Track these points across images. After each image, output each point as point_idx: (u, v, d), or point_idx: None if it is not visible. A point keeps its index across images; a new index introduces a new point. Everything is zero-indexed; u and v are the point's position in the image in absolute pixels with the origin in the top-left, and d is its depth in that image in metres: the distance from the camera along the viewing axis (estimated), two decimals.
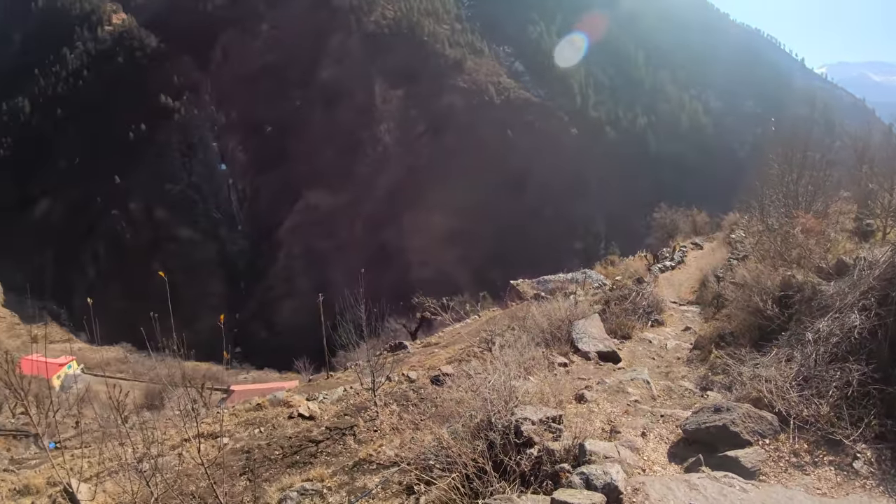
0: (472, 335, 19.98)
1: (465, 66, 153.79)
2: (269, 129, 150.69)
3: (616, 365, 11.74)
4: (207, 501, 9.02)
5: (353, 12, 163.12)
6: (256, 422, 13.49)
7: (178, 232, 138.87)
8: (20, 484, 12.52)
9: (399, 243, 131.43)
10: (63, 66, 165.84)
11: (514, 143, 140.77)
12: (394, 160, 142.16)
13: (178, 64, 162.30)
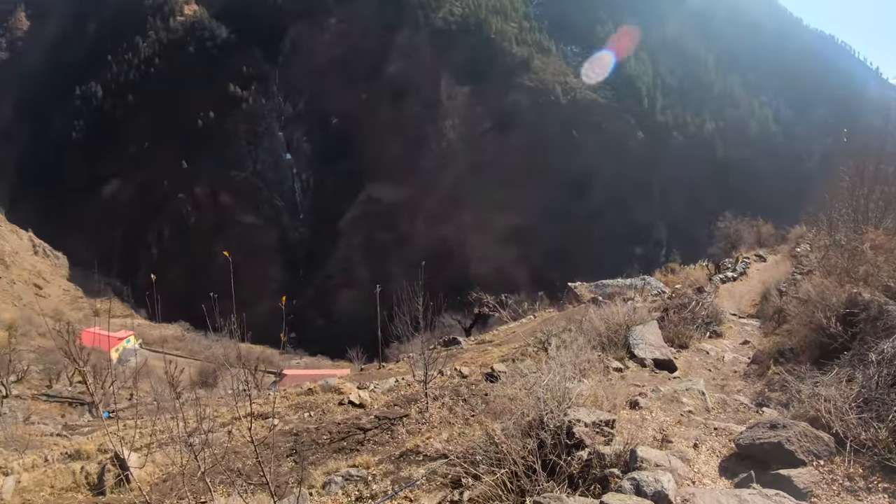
0: (527, 335, 19.50)
1: (532, 64, 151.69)
2: (334, 121, 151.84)
3: (671, 374, 11.61)
4: (252, 479, 9.37)
5: (420, 8, 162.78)
6: (307, 406, 13.51)
7: (241, 217, 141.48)
8: (72, 449, 12.51)
9: (459, 239, 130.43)
10: (135, 54, 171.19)
11: (578, 145, 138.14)
12: (458, 156, 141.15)
13: (248, 55, 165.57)
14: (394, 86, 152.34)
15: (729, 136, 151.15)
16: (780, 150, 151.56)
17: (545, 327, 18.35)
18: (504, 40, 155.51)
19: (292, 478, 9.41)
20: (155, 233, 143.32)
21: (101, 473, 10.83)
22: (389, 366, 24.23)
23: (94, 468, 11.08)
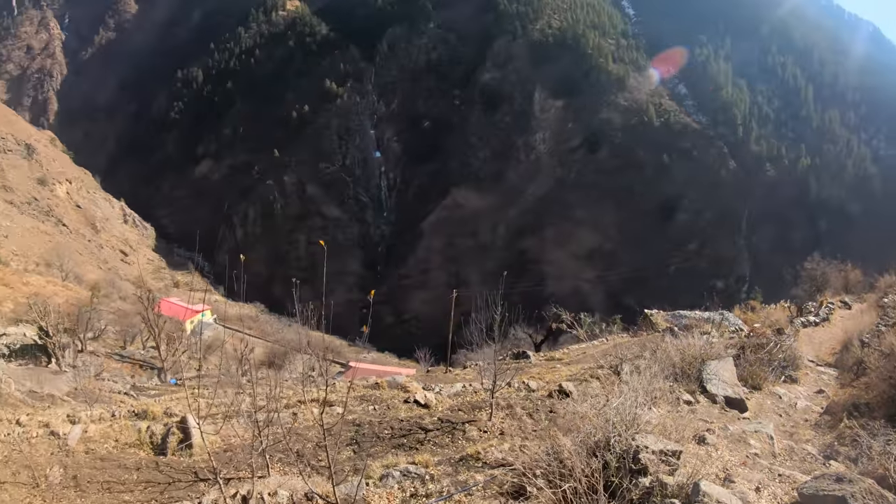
0: (597, 357, 18.90)
1: (627, 83, 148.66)
2: (425, 124, 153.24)
3: (742, 413, 11.60)
4: (310, 462, 9.53)
5: (519, 18, 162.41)
6: (372, 399, 13.61)
7: (326, 210, 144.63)
8: (139, 408, 12.68)
9: (538, 253, 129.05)
10: (237, 43, 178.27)
11: (668, 169, 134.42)
12: (545, 170, 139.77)
13: (346, 52, 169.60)
14: (487, 94, 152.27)
15: (823, 174, 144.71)
16: (877, 193, 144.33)
17: (617, 352, 18.28)
18: (601, 56, 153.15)
19: (349, 466, 9.59)
20: (241, 215, 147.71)
21: (166, 435, 11.14)
22: (456, 371, 24.09)
23: (160, 429, 11.40)
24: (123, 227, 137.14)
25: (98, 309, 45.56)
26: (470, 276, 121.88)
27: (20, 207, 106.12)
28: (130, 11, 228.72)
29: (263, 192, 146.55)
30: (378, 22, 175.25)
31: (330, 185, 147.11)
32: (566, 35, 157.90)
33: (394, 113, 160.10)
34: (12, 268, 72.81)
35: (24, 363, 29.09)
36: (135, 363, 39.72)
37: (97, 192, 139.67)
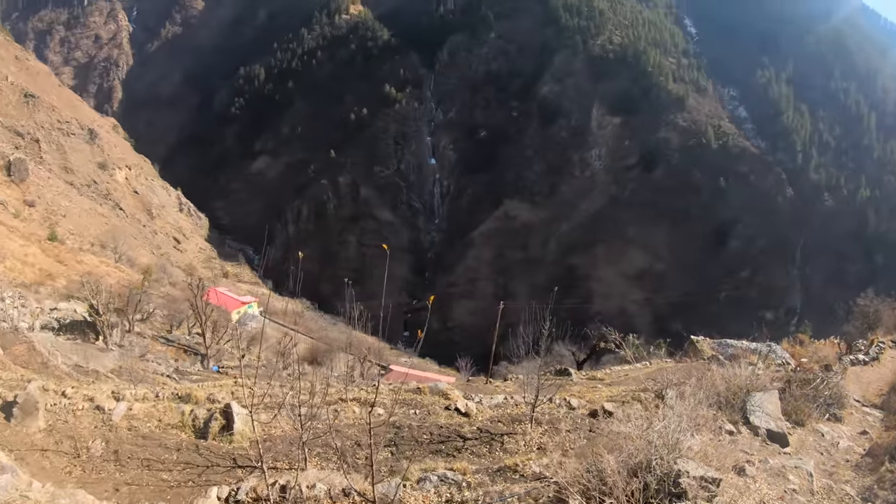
0: (639, 380, 19.15)
1: (687, 103, 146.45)
2: (482, 134, 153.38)
3: (783, 448, 11.58)
4: (346, 458, 9.69)
5: (580, 33, 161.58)
6: (413, 403, 13.80)
7: (378, 213, 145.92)
8: (183, 391, 13.11)
9: (587, 270, 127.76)
10: (300, 44, 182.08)
11: (724, 193, 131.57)
12: (599, 187, 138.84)
13: (406, 58, 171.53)
14: (544, 107, 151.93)
15: (883, 206, 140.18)
16: None
17: (661, 376, 18.21)
18: (661, 75, 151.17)
19: (386, 466, 9.74)
20: (294, 212, 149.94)
21: (209, 420, 11.37)
22: (497, 382, 24.51)
23: (203, 413, 11.63)
24: (178, 215, 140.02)
25: (148, 292, 47.07)
26: (517, 289, 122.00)
27: (80, 189, 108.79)
28: (197, 8, 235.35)
29: (317, 192, 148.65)
30: (439, 30, 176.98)
31: (384, 188, 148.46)
32: (627, 52, 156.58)
33: (451, 121, 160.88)
34: (68, 246, 75.28)
35: (72, 338, 29.68)
36: (179, 348, 40.77)
37: (155, 180, 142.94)
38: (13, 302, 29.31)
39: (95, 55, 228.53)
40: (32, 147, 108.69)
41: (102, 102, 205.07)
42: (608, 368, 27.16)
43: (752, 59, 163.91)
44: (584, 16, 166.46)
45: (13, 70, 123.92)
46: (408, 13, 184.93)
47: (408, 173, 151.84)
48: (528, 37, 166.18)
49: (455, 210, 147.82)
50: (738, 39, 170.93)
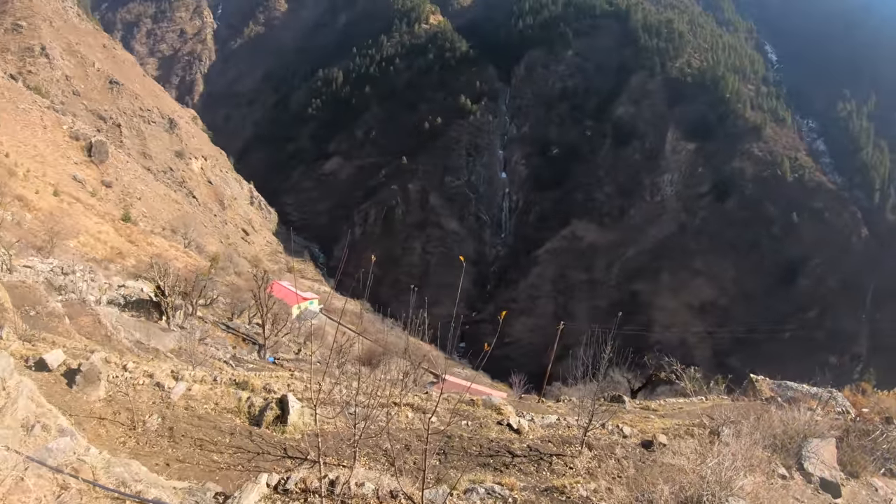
0: (693, 415, 18.77)
1: (764, 133, 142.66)
2: (554, 151, 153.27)
3: (834, 499, 11.41)
4: (395, 462, 9.59)
5: (658, 54, 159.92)
6: (465, 415, 13.85)
7: (445, 222, 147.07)
8: (240, 378, 13.27)
9: (650, 298, 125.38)
10: (379, 51, 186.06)
11: (796, 229, 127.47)
12: (669, 213, 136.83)
13: (483, 71, 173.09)
14: (619, 128, 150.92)
15: None
16: None
17: (714, 413, 18.08)
18: (738, 101, 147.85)
19: (433, 474, 9.73)
20: (362, 214, 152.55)
21: (264, 408, 11.55)
22: (549, 403, 23.88)
23: (259, 402, 11.82)
24: (249, 207, 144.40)
25: (213, 279, 48.21)
26: (577, 310, 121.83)
27: (156, 175, 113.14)
28: (280, 9, 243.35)
29: (387, 196, 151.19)
30: (517, 44, 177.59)
31: (453, 198, 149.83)
32: (705, 76, 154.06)
33: (524, 136, 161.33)
34: (140, 227, 78.62)
35: (136, 315, 30.43)
36: (238, 336, 41.47)
37: (229, 172, 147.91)
38: (83, 275, 30.05)
39: (180, 49, 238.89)
40: (114, 131, 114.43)
41: (184, 94, 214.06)
42: (662, 400, 26.96)
43: (833, 90, 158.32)
44: (663, 37, 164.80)
45: (100, 57, 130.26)
46: (487, 26, 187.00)
47: (478, 185, 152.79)
48: (605, 56, 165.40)
49: (522, 225, 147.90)
50: (820, 69, 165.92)
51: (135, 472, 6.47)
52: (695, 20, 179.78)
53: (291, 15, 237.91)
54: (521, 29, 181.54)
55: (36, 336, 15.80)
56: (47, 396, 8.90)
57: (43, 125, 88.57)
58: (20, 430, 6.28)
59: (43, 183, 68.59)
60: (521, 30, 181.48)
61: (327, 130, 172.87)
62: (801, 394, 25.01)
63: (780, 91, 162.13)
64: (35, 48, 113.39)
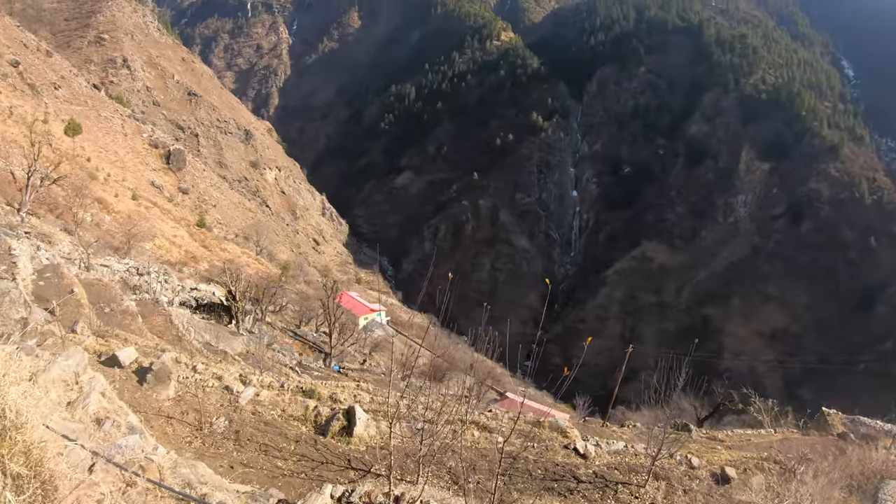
0: (762, 448, 18.26)
1: (841, 152, 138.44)
2: (626, 170, 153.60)
3: None
4: (458, 479, 9.64)
5: (732, 71, 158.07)
6: (531, 436, 13.53)
7: (515, 239, 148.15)
8: (307, 386, 13.40)
9: (720, 323, 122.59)
10: (450, 67, 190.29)
11: (875, 254, 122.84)
12: (742, 235, 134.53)
13: (554, 88, 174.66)
14: (692, 146, 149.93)
15: None
16: None
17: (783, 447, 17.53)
18: (815, 119, 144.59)
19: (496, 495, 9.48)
20: (432, 229, 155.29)
21: (331, 418, 11.52)
22: (613, 427, 23.73)
23: (326, 411, 11.78)
24: (320, 218, 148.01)
25: (283, 287, 49.35)
26: (645, 333, 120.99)
27: (231, 183, 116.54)
28: (354, 26, 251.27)
29: (457, 212, 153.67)
30: (589, 61, 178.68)
31: (523, 215, 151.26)
32: (780, 93, 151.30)
33: (595, 154, 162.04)
34: (214, 233, 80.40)
35: (206, 318, 30.91)
36: (305, 343, 42.38)
37: (302, 183, 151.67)
38: (157, 277, 30.78)
39: (256, 63, 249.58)
40: (191, 140, 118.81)
41: (259, 107, 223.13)
42: (730, 430, 26.22)
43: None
44: (736, 53, 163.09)
45: (179, 70, 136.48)
46: (558, 42, 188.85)
47: (548, 203, 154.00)
48: (678, 72, 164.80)
49: (592, 245, 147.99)
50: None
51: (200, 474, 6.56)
52: (769, 35, 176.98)
53: (364, 31, 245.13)
54: (593, 45, 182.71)
55: (109, 332, 16.39)
56: (118, 393, 9.14)
57: (124, 133, 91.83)
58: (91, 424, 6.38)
59: (122, 187, 70.18)
60: (593, 46, 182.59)
61: (399, 145, 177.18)
62: (875, 430, 24.56)
63: (858, 108, 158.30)
64: (117, 60, 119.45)
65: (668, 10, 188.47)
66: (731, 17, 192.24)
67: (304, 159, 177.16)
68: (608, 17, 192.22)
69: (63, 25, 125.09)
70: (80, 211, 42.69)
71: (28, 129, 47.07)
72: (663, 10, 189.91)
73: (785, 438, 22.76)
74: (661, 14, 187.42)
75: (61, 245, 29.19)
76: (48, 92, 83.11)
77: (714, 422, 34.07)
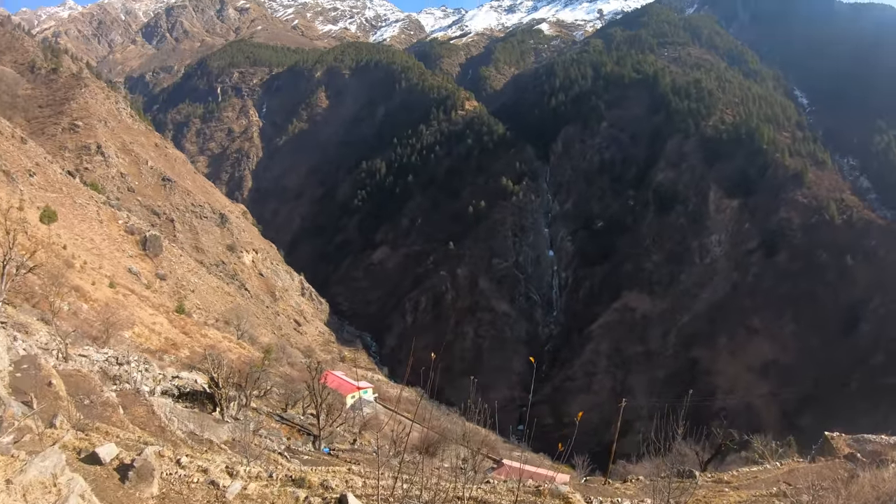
0: (770, 483, 17.69)
1: (806, 178, 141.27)
2: (599, 224, 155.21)
3: None
4: None
5: (691, 115, 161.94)
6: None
7: (495, 304, 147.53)
8: (297, 474, 12.89)
9: (709, 364, 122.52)
10: (418, 140, 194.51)
11: (851, 272, 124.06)
12: (720, 274, 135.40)
13: (521, 151, 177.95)
14: (660, 194, 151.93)
15: None
16: None
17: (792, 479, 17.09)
18: (776, 151, 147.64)
19: None
20: (412, 302, 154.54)
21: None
22: (616, 484, 23.16)
23: (317, 502, 11.31)
24: (300, 298, 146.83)
25: (267, 370, 48.19)
26: (636, 384, 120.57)
27: (208, 268, 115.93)
28: (321, 106, 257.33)
29: (436, 283, 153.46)
30: (552, 122, 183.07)
31: (501, 280, 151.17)
32: (740, 130, 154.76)
33: (567, 212, 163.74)
34: (194, 319, 79.05)
35: (189, 406, 30.48)
36: (292, 427, 41.64)
37: (280, 265, 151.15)
38: (137, 366, 30.31)
39: (228, 146, 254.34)
40: (167, 226, 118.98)
41: (233, 190, 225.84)
42: (735, 470, 25.98)
43: (868, 124, 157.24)
44: (693, 98, 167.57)
45: (153, 155, 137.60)
46: (521, 106, 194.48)
47: (525, 265, 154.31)
48: (639, 123, 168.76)
49: (573, 302, 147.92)
50: (852, 105, 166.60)
51: None
52: (722, 76, 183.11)
53: (332, 110, 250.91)
54: (554, 106, 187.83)
55: (90, 425, 15.92)
56: (99, 493, 8.73)
57: (99, 219, 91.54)
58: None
59: (99, 275, 69.68)
60: (554, 107, 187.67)
61: (373, 220, 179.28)
62: (881, 445, 24.50)
63: (816, 134, 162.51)
64: (91, 147, 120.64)
65: (623, 65, 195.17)
66: (683, 64, 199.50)
67: (280, 240, 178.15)
68: (567, 77, 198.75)
69: (37, 112, 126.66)
70: (57, 300, 42.07)
71: (2, 216, 46.17)
72: (619, 65, 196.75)
73: (791, 470, 22.67)
74: (617, 69, 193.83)
75: (38, 335, 28.83)
76: (23, 179, 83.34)
77: (717, 463, 34.04)
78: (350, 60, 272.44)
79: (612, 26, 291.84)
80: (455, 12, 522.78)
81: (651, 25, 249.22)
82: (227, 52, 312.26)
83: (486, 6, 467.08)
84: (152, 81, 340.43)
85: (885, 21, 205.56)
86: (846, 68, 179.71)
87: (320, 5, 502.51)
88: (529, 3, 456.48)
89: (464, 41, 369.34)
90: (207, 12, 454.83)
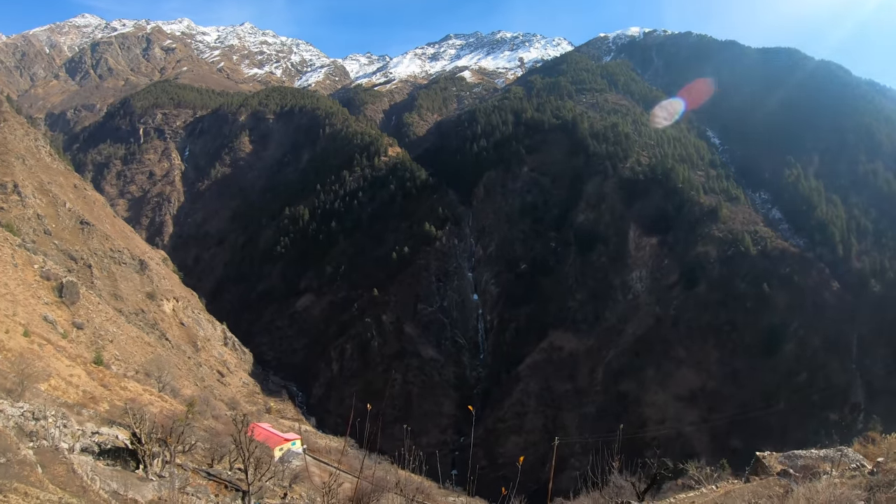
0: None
1: (720, 213, 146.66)
2: (523, 267, 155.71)
3: None
4: None
5: (609, 158, 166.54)
6: None
7: (422, 350, 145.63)
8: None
9: (638, 396, 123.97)
10: (342, 185, 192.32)
11: (769, 299, 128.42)
12: (643, 309, 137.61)
13: (444, 196, 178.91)
14: (581, 235, 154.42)
15: None
16: None
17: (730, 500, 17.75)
18: (691, 189, 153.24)
19: None
20: (338, 349, 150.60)
21: None
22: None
23: None
24: (223, 348, 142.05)
25: (191, 424, 46.76)
26: (567, 421, 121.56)
27: (128, 317, 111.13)
28: (245, 150, 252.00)
29: (361, 330, 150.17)
30: (474, 166, 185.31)
31: (427, 325, 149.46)
32: (656, 171, 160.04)
33: (491, 256, 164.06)
34: (113, 371, 76.42)
35: (112, 464, 29.73)
36: (220, 482, 40.17)
37: (201, 313, 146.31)
38: (55, 421, 29.29)
39: (149, 190, 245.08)
40: (84, 272, 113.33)
41: (154, 235, 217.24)
42: (672, 497, 26.43)
43: (777, 158, 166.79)
44: (610, 141, 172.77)
45: (71, 197, 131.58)
46: (444, 152, 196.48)
47: (451, 310, 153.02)
48: (559, 167, 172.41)
49: (500, 344, 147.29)
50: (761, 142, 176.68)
51: None
52: (638, 120, 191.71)
53: (256, 155, 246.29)
54: (476, 152, 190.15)
55: (7, 486, 15.30)
56: None
57: (14, 263, 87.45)
58: None
59: (13, 322, 67.36)
60: (477, 153, 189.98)
61: (297, 267, 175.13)
62: (811, 459, 25.25)
63: (729, 171, 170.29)
64: (8, 185, 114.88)
65: (543, 111, 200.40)
66: (601, 110, 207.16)
67: (202, 288, 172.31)
68: (488, 123, 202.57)
69: None
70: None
71: None
72: (539, 111, 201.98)
73: (728, 492, 23.22)
74: (537, 115, 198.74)
75: None
76: None
77: (654, 492, 33.94)
78: (275, 105, 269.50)
79: (533, 74, 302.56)
80: (380, 59, 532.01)
81: (570, 73, 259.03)
82: (151, 91, 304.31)
83: (411, 53, 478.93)
84: (73, 119, 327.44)
85: (790, 64, 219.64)
86: (756, 108, 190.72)
87: (247, 48, 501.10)
88: (452, 52, 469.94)
89: (388, 87, 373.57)
90: (133, 50, 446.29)
